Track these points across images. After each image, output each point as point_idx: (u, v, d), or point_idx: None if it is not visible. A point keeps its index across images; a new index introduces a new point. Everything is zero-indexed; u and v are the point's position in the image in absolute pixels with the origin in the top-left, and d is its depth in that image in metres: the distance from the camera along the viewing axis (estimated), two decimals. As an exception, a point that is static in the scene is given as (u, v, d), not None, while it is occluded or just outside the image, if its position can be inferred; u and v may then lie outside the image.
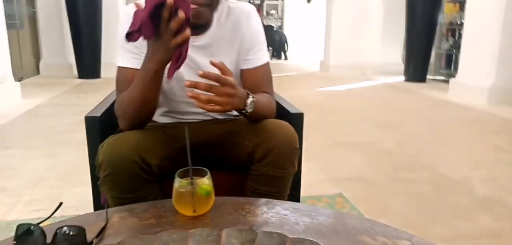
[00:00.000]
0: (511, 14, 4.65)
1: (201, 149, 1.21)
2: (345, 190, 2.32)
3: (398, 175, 2.60)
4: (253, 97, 1.11)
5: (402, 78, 6.80)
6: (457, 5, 6.76)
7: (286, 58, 11.43)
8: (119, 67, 1.19)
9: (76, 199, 2.11)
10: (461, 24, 6.33)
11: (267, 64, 1.33)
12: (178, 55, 0.98)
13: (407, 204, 2.20)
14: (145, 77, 1.05)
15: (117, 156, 1.03)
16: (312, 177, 2.49)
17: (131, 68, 1.16)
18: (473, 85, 5.02)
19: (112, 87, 1.65)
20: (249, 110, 1.11)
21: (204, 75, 0.98)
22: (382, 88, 6.27)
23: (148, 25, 0.94)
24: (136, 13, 0.94)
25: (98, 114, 1.25)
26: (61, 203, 0.85)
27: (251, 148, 1.17)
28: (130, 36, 0.96)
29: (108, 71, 6.44)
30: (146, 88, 1.07)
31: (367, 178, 2.54)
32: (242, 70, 1.29)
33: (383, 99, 5.35)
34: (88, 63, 6.28)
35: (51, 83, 5.82)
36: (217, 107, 1.01)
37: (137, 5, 0.96)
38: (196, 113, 1.29)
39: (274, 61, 10.91)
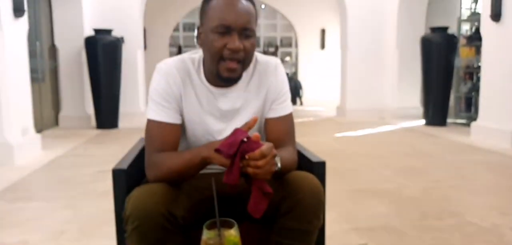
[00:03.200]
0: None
1: (227, 200, 1.19)
2: (370, 240, 2.24)
3: (425, 224, 2.50)
4: (278, 159, 1.10)
5: (422, 122, 6.73)
6: (473, 49, 6.75)
7: (301, 103, 11.49)
8: (150, 120, 1.21)
9: (96, 252, 2.09)
10: (478, 67, 6.30)
11: (290, 115, 1.34)
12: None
13: (437, 254, 2.11)
14: (194, 160, 1.10)
15: (145, 208, 1.03)
16: (335, 227, 2.42)
17: (163, 122, 1.19)
18: (495, 128, 4.92)
19: (130, 137, 1.67)
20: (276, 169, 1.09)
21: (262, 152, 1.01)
22: (402, 132, 6.19)
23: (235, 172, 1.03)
24: (234, 137, 1.04)
25: (125, 166, 1.25)
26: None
27: (277, 201, 1.15)
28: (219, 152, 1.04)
29: (125, 121, 6.57)
30: (190, 169, 1.12)
31: (393, 227, 2.45)
32: (266, 119, 1.31)
33: (404, 143, 5.27)
34: (106, 114, 6.41)
35: (70, 134, 5.93)
36: (259, 175, 1.03)
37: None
38: (221, 164, 1.29)
39: (290, 107, 10.95)
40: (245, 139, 1.02)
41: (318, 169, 1.32)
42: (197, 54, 1.27)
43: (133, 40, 7.05)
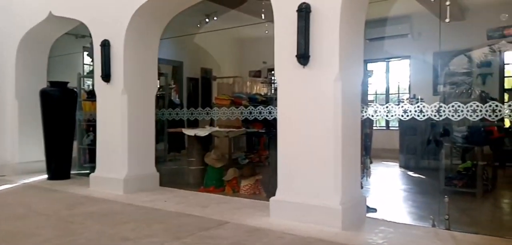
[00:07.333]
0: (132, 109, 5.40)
1: None
2: None
3: None
4: None
5: (46, 176, 6.50)
6: (94, 103, 7.22)
7: None
8: None
9: None
10: (98, 120, 6.79)
11: None
12: None
13: None
14: None
15: None
16: None
17: None
18: (111, 177, 5.40)
19: None
20: None
21: None
22: (22, 190, 5.75)
23: None
24: None
25: None
26: None
27: None
28: None
29: None
30: None
31: None
32: None
33: (20, 204, 4.87)
34: None
35: None
36: None
37: None
38: None
39: None
40: None
41: None
42: None
43: None
